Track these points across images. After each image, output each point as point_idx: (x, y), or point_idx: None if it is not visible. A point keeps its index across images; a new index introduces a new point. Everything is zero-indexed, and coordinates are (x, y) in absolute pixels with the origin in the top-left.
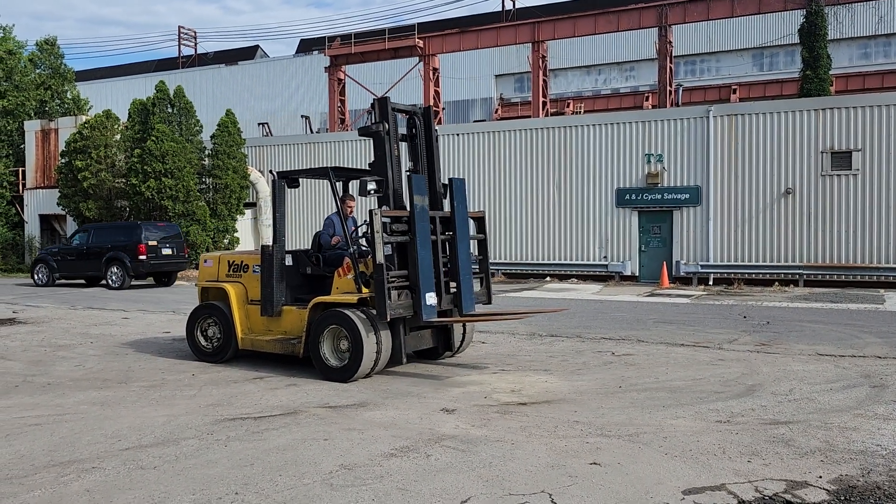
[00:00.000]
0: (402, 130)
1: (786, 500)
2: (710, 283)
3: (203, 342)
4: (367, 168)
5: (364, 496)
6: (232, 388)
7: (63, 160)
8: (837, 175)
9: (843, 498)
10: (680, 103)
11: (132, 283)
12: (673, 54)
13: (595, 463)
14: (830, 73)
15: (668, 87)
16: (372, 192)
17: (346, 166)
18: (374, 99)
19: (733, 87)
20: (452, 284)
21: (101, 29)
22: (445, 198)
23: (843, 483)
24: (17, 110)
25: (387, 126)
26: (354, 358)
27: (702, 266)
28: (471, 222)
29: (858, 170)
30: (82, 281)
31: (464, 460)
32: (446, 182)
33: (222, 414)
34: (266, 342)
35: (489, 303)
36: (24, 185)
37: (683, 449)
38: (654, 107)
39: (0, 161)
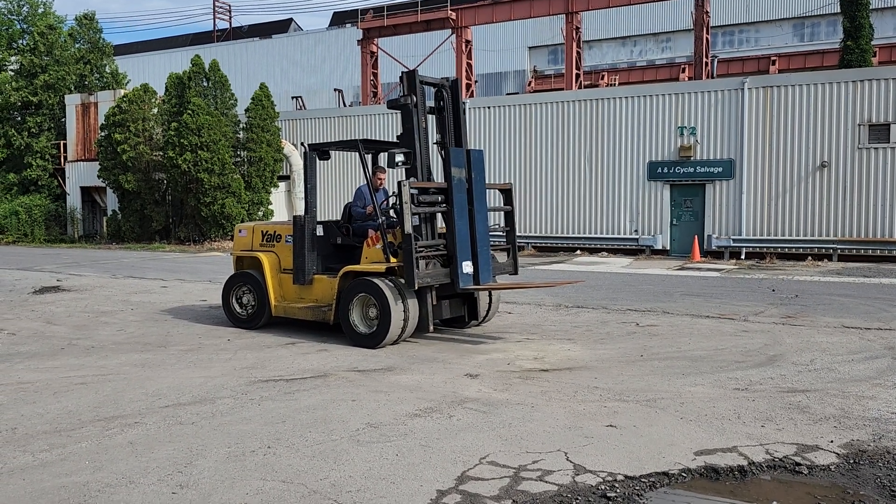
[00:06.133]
0: (431, 103)
1: (795, 462)
2: (742, 257)
3: (238, 309)
4: (396, 140)
5: (388, 452)
6: (265, 353)
7: (102, 133)
8: (875, 148)
9: (851, 461)
10: (715, 75)
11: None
12: (710, 25)
13: (611, 425)
14: (873, 43)
15: (705, 59)
16: (400, 163)
17: (375, 139)
18: (402, 72)
19: (772, 58)
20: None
21: (146, 2)
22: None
23: (854, 447)
24: (58, 84)
25: (414, 99)
26: (382, 325)
27: (734, 240)
28: (498, 194)
29: None
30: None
31: (484, 421)
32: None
33: (256, 376)
34: (298, 309)
35: (515, 273)
36: (65, 157)
37: (699, 414)
38: (690, 79)
39: (42, 134)
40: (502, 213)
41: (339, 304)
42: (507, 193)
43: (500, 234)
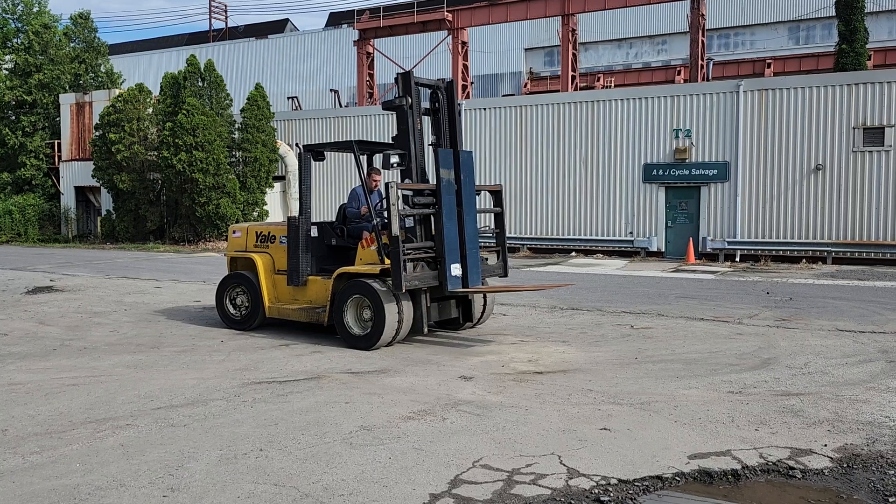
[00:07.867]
0: (426, 104)
1: (788, 466)
2: (737, 259)
3: (232, 310)
4: (391, 141)
5: (381, 454)
6: (259, 354)
7: (97, 133)
8: (869, 151)
9: (845, 465)
10: (710, 77)
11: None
12: (706, 27)
13: (605, 429)
14: (868, 46)
15: (700, 62)
16: (395, 165)
17: (370, 140)
18: (397, 73)
19: (768, 61)
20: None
21: (142, 1)
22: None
23: (847, 451)
24: (53, 84)
25: (409, 100)
26: (376, 327)
27: (729, 242)
28: (487, 196)
29: (891, 146)
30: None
31: (478, 424)
32: None
33: (249, 378)
34: (292, 311)
35: (505, 276)
36: (59, 157)
37: (693, 417)
38: (685, 81)
39: (37, 133)
40: (492, 214)
41: (333, 306)
42: (497, 195)
43: (491, 235)
